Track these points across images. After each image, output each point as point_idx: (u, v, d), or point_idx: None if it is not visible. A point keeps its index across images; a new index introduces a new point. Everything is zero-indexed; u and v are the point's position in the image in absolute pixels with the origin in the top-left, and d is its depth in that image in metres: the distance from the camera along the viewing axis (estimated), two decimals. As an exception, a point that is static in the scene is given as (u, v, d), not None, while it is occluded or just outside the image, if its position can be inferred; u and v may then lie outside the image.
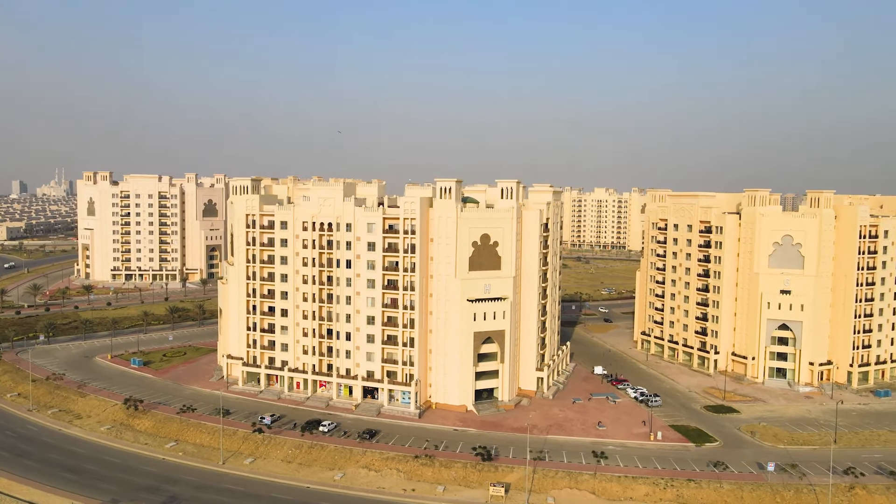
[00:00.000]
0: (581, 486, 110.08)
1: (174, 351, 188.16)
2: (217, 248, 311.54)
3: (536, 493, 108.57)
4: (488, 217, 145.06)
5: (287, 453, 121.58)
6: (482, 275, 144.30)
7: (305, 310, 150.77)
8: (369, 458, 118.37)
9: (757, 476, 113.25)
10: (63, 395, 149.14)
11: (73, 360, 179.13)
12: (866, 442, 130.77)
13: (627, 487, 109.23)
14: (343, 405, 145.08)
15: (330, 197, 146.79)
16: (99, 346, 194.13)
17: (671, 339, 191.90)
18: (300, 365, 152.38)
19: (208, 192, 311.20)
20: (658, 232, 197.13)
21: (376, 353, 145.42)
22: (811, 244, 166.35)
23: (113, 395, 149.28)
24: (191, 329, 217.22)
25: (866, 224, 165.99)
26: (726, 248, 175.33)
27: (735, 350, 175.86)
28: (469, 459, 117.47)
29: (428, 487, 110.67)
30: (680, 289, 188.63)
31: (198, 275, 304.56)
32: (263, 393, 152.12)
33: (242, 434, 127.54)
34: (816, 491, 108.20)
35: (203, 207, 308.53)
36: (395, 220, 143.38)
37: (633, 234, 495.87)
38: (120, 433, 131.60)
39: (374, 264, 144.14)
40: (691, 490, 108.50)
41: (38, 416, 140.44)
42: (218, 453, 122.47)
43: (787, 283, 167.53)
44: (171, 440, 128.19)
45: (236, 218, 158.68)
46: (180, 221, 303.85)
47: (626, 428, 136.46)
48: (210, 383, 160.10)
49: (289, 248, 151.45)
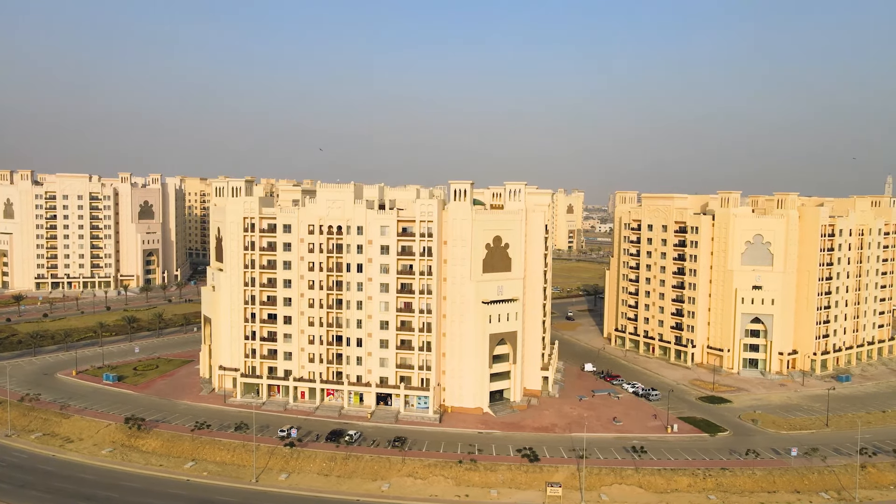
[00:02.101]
0: (627, 481, 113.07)
1: (144, 364, 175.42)
2: (154, 252, 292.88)
3: (587, 490, 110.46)
4: (500, 219, 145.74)
5: (321, 466, 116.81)
6: (495, 276, 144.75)
7: (311, 316, 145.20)
8: (410, 467, 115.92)
9: (780, 461, 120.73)
10: (42, 417, 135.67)
11: (31, 378, 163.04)
12: (853, 424, 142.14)
13: (670, 480, 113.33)
14: (357, 413, 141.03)
15: (339, 199, 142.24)
16: (54, 362, 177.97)
17: (646, 335, 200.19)
18: (306, 374, 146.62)
19: (144, 192, 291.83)
20: (631, 232, 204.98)
21: (390, 359, 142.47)
22: (779, 243, 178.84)
23: (101, 414, 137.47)
24: (151, 340, 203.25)
25: (826, 224, 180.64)
26: (702, 247, 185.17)
27: (710, 343, 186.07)
28: (512, 461, 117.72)
29: (481, 492, 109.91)
30: (655, 286, 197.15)
31: (134, 281, 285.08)
32: (266, 404, 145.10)
33: (266, 449, 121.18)
34: (835, 472, 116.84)
35: (139, 209, 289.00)
36: (409, 223, 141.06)
37: (560, 235, 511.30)
38: (126, 455, 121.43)
39: (388, 268, 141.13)
40: (728, 478, 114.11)
41: (21, 442, 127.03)
42: (244, 470, 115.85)
43: (759, 279, 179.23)
44: (187, 460, 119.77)
45: (228, 221, 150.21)
46: (114, 224, 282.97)
47: (640, 422, 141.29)
48: (202, 397, 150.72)
49: (293, 252, 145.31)
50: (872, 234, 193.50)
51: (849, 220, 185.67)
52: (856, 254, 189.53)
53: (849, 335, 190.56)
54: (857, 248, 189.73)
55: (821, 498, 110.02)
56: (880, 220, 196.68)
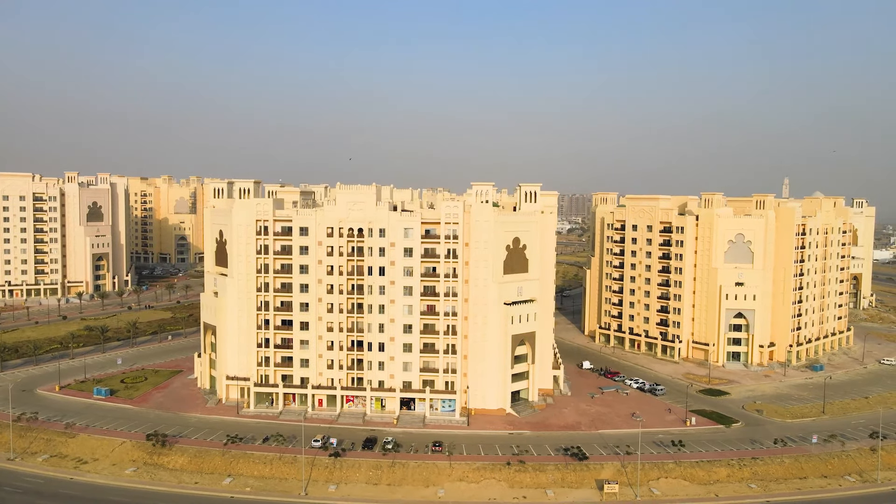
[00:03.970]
0: (670, 474, 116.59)
1: (131, 376, 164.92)
2: (104, 256, 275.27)
3: (637, 485, 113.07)
4: (520, 221, 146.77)
5: (368, 475, 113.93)
6: (514, 278, 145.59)
7: (330, 321, 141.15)
8: (459, 471, 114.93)
9: (802, 448, 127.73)
10: (43, 437, 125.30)
11: (5, 394, 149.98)
12: (844, 410, 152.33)
13: (710, 471, 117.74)
14: (382, 419, 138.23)
15: (360, 201, 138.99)
16: (26, 377, 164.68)
17: (632, 332, 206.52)
18: (324, 380, 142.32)
19: (92, 192, 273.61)
20: (614, 232, 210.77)
21: (414, 363, 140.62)
22: (759, 242, 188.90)
23: (109, 432, 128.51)
24: (125, 350, 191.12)
25: (799, 224, 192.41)
26: (686, 247, 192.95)
27: (695, 338, 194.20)
28: (558, 460, 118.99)
29: (536, 493, 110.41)
30: (640, 284, 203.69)
31: (83, 288, 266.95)
32: (284, 414, 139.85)
33: (305, 460, 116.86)
34: (852, 456, 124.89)
35: (87, 211, 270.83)
36: (433, 225, 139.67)
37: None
38: (153, 474, 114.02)
39: (412, 271, 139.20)
40: (760, 467, 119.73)
41: (28, 466, 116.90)
42: (288, 483, 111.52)
43: (741, 276, 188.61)
44: (222, 475, 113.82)
45: (235, 224, 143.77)
46: (60, 227, 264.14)
47: (658, 417, 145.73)
48: (211, 409, 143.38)
49: (310, 255, 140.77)
50: (833, 232, 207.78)
51: (816, 220, 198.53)
52: (822, 251, 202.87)
53: (816, 327, 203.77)
54: (823, 245, 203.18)
55: (847, 481, 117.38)
56: (839, 219, 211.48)
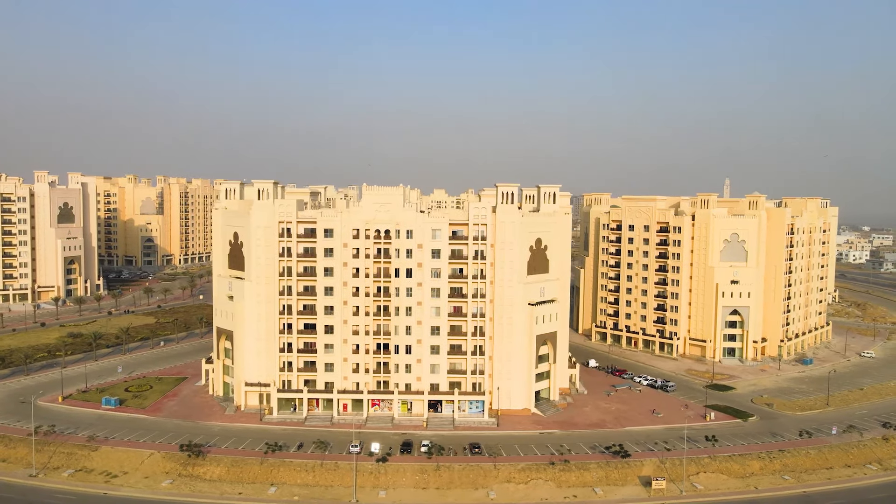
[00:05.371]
0: (708, 469, 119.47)
1: (135, 385, 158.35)
2: (76, 259, 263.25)
3: (677, 481, 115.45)
4: (542, 221, 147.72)
5: (415, 480, 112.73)
6: (537, 278, 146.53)
7: (356, 325, 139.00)
8: (505, 472, 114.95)
9: (822, 440, 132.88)
10: (63, 451, 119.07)
11: (6, 408, 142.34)
12: (847, 402, 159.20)
13: (743, 465, 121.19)
14: (410, 423, 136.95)
15: (387, 202, 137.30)
16: (20, 388, 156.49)
17: (628, 330, 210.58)
18: (350, 384, 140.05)
19: (63, 193, 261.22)
20: (610, 232, 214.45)
21: (442, 365, 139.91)
22: (752, 241, 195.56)
23: (132, 444, 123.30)
24: (118, 358, 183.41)
25: (788, 223, 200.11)
26: (683, 246, 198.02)
27: (692, 335, 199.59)
28: (599, 458, 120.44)
29: (585, 492, 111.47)
30: (637, 283, 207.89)
31: (54, 293, 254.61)
32: (309, 420, 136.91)
33: (346, 466, 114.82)
34: (868, 445, 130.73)
35: (58, 212, 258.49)
36: (460, 226, 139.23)
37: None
38: (192, 486, 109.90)
39: (440, 272, 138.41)
40: (789, 459, 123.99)
41: (53, 481, 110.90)
42: (336, 491, 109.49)
43: (736, 274, 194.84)
44: (264, 485, 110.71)
45: (254, 226, 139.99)
46: (30, 230, 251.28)
47: (676, 413, 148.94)
48: (231, 417, 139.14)
49: (335, 257, 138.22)
50: (816, 231, 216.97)
51: (803, 220, 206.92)
52: (806, 249, 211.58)
53: (801, 323, 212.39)
54: (808, 244, 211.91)
55: (869, 469, 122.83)
56: (820, 219, 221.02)
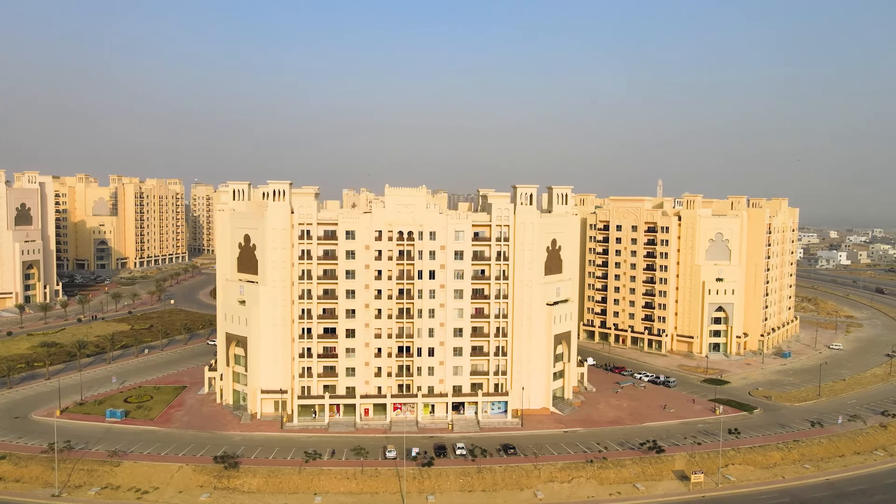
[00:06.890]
0: (735, 461, 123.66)
1: (134, 395, 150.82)
2: (35, 264, 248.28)
3: (709, 474, 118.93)
4: (558, 223, 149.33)
5: (459, 482, 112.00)
6: (553, 279, 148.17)
7: (378, 328, 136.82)
8: (546, 472, 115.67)
9: (828, 429, 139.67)
10: (84, 468, 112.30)
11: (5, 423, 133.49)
12: (835, 392, 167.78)
13: (765, 456, 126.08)
14: (435, 425, 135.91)
15: (410, 204, 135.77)
16: (7, 402, 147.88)
17: (617, 327, 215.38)
18: (372, 389, 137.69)
19: (20, 193, 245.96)
20: (598, 232, 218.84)
21: (465, 366, 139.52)
22: (735, 240, 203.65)
23: (155, 457, 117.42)
24: (101, 367, 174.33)
25: (767, 223, 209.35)
26: (671, 245, 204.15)
27: (679, 332, 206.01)
28: (633, 455, 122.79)
29: (626, 488, 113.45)
30: (626, 282, 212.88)
31: (13, 299, 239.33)
32: (332, 426, 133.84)
33: (386, 472, 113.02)
34: (869, 433, 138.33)
35: (15, 213, 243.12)
36: (482, 228, 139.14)
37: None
38: (231, 499, 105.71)
39: (463, 273, 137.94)
40: (805, 448, 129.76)
41: (79, 501, 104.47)
42: (384, 498, 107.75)
43: (721, 272, 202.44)
44: (308, 495, 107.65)
45: (269, 228, 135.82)
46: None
47: (686, 408, 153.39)
48: (248, 426, 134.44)
49: (357, 260, 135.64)
50: (787, 231, 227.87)
51: (778, 220, 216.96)
52: (780, 248, 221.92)
53: (776, 318, 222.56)
54: (781, 243, 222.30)
55: (877, 455, 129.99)
56: (791, 219, 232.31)
